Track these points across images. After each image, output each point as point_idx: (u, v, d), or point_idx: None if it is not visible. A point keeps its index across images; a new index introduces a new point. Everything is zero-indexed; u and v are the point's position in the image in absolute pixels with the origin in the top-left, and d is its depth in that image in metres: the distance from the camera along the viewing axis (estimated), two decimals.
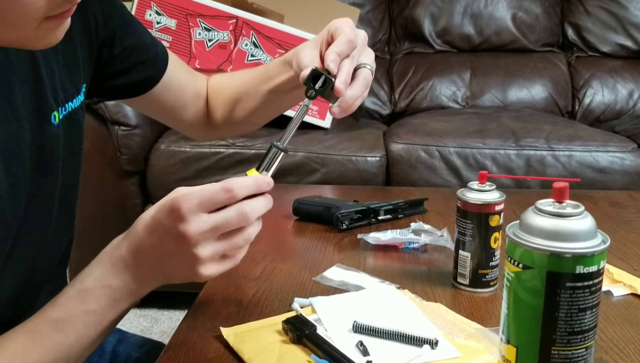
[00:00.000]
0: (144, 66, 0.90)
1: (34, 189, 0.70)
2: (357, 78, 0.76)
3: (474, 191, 0.82)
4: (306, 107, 0.74)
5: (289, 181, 1.96)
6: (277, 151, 0.70)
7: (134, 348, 0.92)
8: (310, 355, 0.65)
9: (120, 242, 0.68)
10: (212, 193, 0.63)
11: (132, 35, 0.89)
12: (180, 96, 0.97)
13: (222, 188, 0.63)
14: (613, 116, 2.59)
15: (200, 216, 0.63)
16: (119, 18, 0.86)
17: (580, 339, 0.51)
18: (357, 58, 0.77)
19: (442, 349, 0.67)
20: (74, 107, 0.78)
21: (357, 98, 0.75)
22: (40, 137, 0.71)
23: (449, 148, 2.01)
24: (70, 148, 0.77)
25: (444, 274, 0.89)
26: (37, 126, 0.71)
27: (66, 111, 0.76)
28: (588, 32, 2.75)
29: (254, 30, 2.07)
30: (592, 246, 0.50)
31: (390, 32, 2.82)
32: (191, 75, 1.01)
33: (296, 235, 1.07)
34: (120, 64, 0.87)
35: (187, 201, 0.63)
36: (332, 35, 0.77)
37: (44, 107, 0.72)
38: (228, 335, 0.69)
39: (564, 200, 0.52)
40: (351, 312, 0.73)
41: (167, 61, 0.95)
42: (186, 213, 0.62)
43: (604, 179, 1.98)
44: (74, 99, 0.78)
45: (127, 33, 0.88)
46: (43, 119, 0.72)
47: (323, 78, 0.73)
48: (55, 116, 0.74)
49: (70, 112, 0.77)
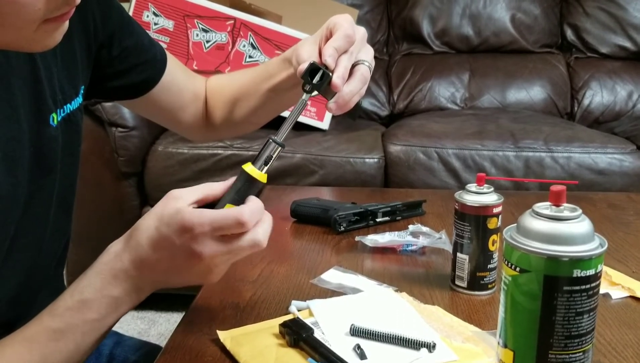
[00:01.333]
0: (143, 67, 0.90)
1: (33, 191, 0.70)
2: (354, 74, 0.75)
3: (472, 193, 0.82)
4: (304, 102, 0.74)
5: (287, 182, 1.96)
6: (275, 146, 0.70)
7: (131, 351, 0.92)
8: (307, 359, 0.65)
9: (121, 253, 0.67)
10: (224, 223, 0.63)
11: (131, 36, 0.88)
12: (179, 98, 0.97)
13: (235, 220, 0.63)
14: (612, 118, 2.59)
15: (214, 241, 0.63)
16: (117, 19, 0.86)
17: (577, 343, 0.51)
18: (356, 54, 0.76)
19: (439, 352, 0.66)
20: (72, 109, 0.77)
21: (354, 94, 0.74)
22: (38, 138, 0.71)
23: (448, 149, 2.01)
24: (69, 149, 0.77)
25: (442, 276, 0.88)
26: (36, 128, 0.71)
27: (64, 113, 0.76)
28: (587, 33, 2.75)
29: (251, 32, 2.07)
30: (589, 249, 0.50)
31: (389, 33, 2.82)
32: (189, 76, 1.00)
33: (294, 237, 1.06)
34: (119, 65, 0.87)
35: (199, 225, 0.62)
36: (330, 32, 0.77)
37: (42, 109, 0.72)
38: (225, 338, 0.69)
39: (562, 203, 0.52)
40: (349, 315, 0.73)
41: (166, 62, 0.94)
42: (199, 236, 0.63)
43: (603, 181, 1.97)
44: (73, 101, 0.78)
45: (126, 34, 0.87)
46: (42, 121, 0.72)
47: (320, 73, 0.72)
48: (54, 117, 0.74)
49: (69, 114, 0.77)
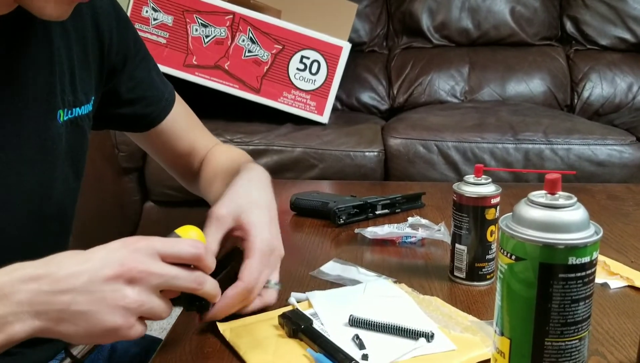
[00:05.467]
0: (148, 101, 0.90)
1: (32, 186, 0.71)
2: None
3: (470, 184, 0.82)
4: None
5: (286, 176, 1.96)
6: None
7: (132, 344, 0.93)
8: (306, 349, 0.65)
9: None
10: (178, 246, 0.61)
11: (144, 68, 0.89)
12: (174, 145, 0.95)
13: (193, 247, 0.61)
14: (612, 110, 2.58)
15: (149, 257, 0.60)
16: (132, 45, 0.86)
17: (573, 330, 0.51)
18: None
19: (437, 342, 0.67)
20: (81, 114, 0.78)
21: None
22: (45, 130, 0.72)
23: (447, 142, 2.01)
24: (71, 153, 0.77)
25: (441, 268, 0.89)
26: (44, 118, 0.72)
27: (72, 115, 0.77)
28: (587, 25, 2.74)
29: (251, 26, 2.07)
30: (584, 237, 0.50)
31: (388, 27, 2.82)
32: (194, 129, 0.98)
33: (294, 230, 1.07)
34: (126, 93, 0.87)
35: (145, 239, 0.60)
36: (241, 237, 0.72)
37: (52, 101, 0.73)
38: (224, 329, 0.69)
39: (557, 191, 0.52)
40: (347, 306, 0.74)
41: (173, 105, 0.93)
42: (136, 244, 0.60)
43: (603, 173, 1.98)
44: (83, 106, 0.78)
45: (139, 63, 0.88)
46: (51, 114, 0.73)
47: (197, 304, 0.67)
48: (61, 114, 0.74)
49: (77, 117, 0.77)
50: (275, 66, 2.09)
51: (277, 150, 1.99)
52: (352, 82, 2.59)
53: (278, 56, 2.09)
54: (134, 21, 2.06)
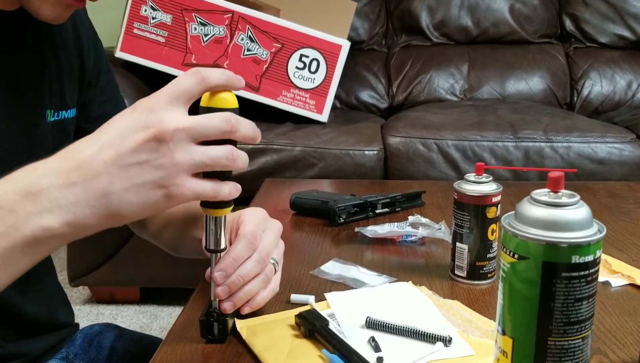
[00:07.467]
0: None
1: None
2: None
3: (471, 183, 0.82)
4: None
5: (286, 175, 1.96)
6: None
7: (132, 344, 0.92)
8: (321, 350, 0.64)
9: None
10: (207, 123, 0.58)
11: (113, 87, 0.90)
12: None
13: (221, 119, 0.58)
14: (612, 107, 2.58)
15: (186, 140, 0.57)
16: (104, 60, 0.88)
17: (576, 329, 0.51)
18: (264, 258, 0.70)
19: (455, 346, 0.66)
20: (67, 117, 0.79)
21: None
22: (34, 127, 0.73)
23: (447, 140, 2.01)
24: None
25: (441, 267, 0.89)
26: (34, 115, 0.72)
27: (58, 117, 0.78)
28: (586, 23, 2.74)
29: (249, 25, 2.07)
30: (587, 235, 0.50)
31: (387, 25, 2.81)
32: None
33: (293, 229, 1.06)
34: (96, 109, 0.87)
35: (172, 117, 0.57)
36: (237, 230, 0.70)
37: (41, 100, 0.75)
38: (241, 327, 0.69)
39: (560, 190, 0.52)
40: (365, 308, 0.73)
41: None
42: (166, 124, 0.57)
43: (603, 170, 1.97)
44: (69, 110, 0.80)
45: (110, 80, 0.89)
46: (40, 112, 0.73)
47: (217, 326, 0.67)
48: (48, 114, 0.75)
49: (63, 120, 0.79)
50: (274, 65, 2.08)
51: (276, 149, 1.98)
52: (352, 80, 2.58)
53: (277, 54, 2.08)
54: (132, 20, 2.06)
